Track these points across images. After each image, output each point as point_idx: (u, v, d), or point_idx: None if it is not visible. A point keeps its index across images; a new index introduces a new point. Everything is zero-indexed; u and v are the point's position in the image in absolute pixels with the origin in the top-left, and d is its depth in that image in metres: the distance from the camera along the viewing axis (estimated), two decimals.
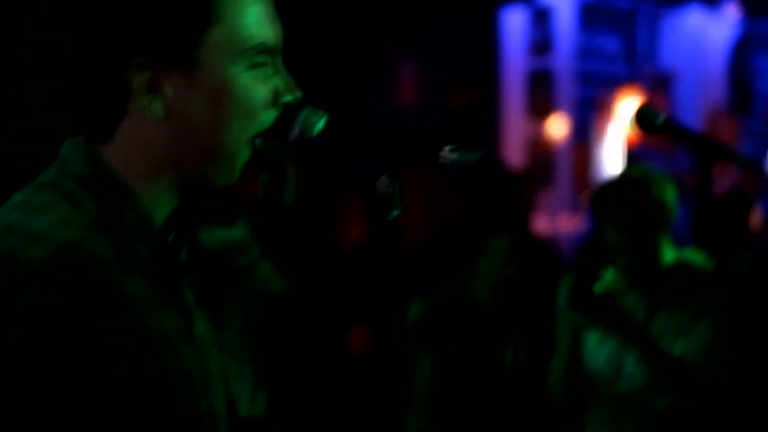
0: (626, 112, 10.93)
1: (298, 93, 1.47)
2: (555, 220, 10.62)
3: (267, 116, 1.45)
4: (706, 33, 12.37)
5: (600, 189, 3.78)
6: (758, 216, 5.99)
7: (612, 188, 3.62)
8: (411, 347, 4.00)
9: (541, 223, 9.83)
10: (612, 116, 11.48)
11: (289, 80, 1.46)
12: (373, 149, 1.45)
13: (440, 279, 4.26)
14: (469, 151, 1.42)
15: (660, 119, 2.23)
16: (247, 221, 3.93)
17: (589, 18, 11.29)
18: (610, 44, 11.69)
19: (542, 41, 10.82)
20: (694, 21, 12.26)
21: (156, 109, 1.40)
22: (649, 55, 12.21)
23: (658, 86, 12.31)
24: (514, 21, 10.46)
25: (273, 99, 1.45)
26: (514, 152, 10.45)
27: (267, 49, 1.44)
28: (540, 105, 10.88)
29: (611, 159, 11.34)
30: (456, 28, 9.66)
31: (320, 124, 1.46)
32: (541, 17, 10.72)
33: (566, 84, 11.10)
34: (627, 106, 11.15)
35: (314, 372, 4.22)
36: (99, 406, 1.30)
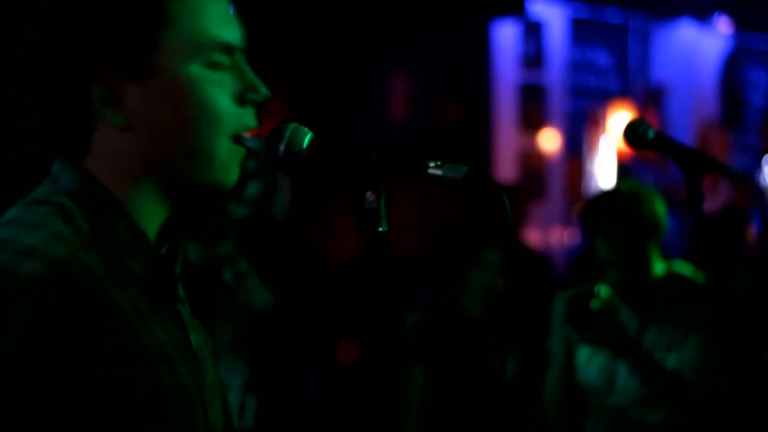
0: (618, 126, 10.95)
1: (264, 91, 1.46)
2: (547, 233, 10.62)
3: (239, 115, 1.45)
4: (698, 47, 12.39)
5: (589, 203, 3.79)
6: (752, 230, 6.00)
7: (601, 202, 3.63)
8: (404, 358, 3.99)
9: (534, 236, 9.83)
10: (604, 130, 11.49)
11: (254, 78, 1.45)
12: (358, 164, 1.45)
13: (433, 290, 4.26)
14: (456, 165, 1.42)
15: (649, 134, 2.23)
16: (235, 235, 3.93)
17: (581, 32, 11.31)
18: (602, 58, 11.70)
19: (534, 55, 10.83)
20: (686, 35, 12.29)
21: (119, 121, 1.40)
22: (641, 69, 12.23)
23: (650, 100, 12.32)
24: (506, 35, 10.47)
25: (239, 98, 1.45)
26: (506, 165, 10.45)
27: (225, 48, 1.43)
28: (532, 118, 10.88)
29: (604, 172, 11.34)
30: (447, 42, 9.67)
31: (306, 140, 1.46)
32: (533, 31, 10.74)
33: (558, 97, 11.11)
34: (619, 120, 11.17)
35: (304, 385, 4.21)
36: (93, 420, 1.30)
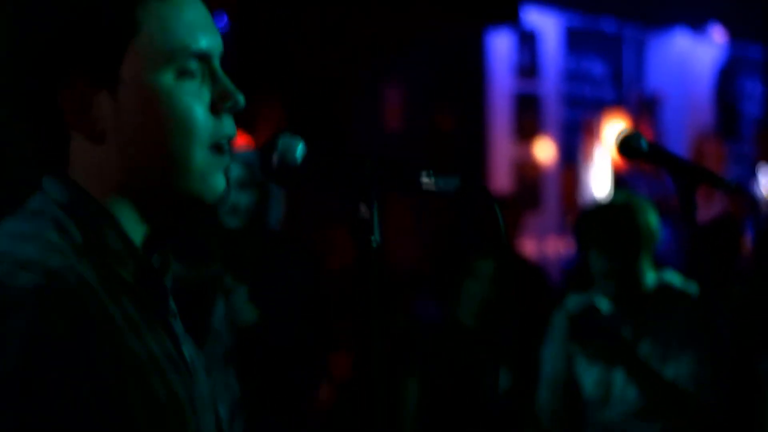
0: (613, 136, 10.97)
1: (241, 98, 1.44)
2: (542, 243, 10.62)
3: (215, 124, 1.43)
4: (693, 56, 12.42)
5: (582, 215, 3.80)
6: (747, 240, 6.01)
7: (594, 214, 3.63)
8: (398, 370, 3.99)
9: (529, 246, 9.83)
10: (599, 139, 11.51)
11: (230, 86, 1.43)
12: (351, 176, 1.44)
13: (429, 302, 4.27)
14: (449, 177, 1.42)
15: (643, 145, 2.22)
16: (222, 253, 3.91)
17: (575, 41, 11.34)
18: (597, 68, 11.73)
19: (528, 65, 10.85)
20: (681, 45, 12.31)
21: (91, 131, 1.39)
22: (636, 79, 12.25)
23: (645, 109, 12.34)
24: (501, 44, 10.49)
25: (212, 105, 1.43)
26: (501, 175, 10.46)
27: (196, 55, 1.40)
28: (527, 128, 10.90)
29: (599, 182, 11.36)
30: (442, 52, 9.68)
31: (299, 151, 1.46)
32: (528, 41, 10.75)
33: (553, 107, 11.13)
34: (614, 129, 11.19)
35: (296, 399, 4.19)
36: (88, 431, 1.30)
